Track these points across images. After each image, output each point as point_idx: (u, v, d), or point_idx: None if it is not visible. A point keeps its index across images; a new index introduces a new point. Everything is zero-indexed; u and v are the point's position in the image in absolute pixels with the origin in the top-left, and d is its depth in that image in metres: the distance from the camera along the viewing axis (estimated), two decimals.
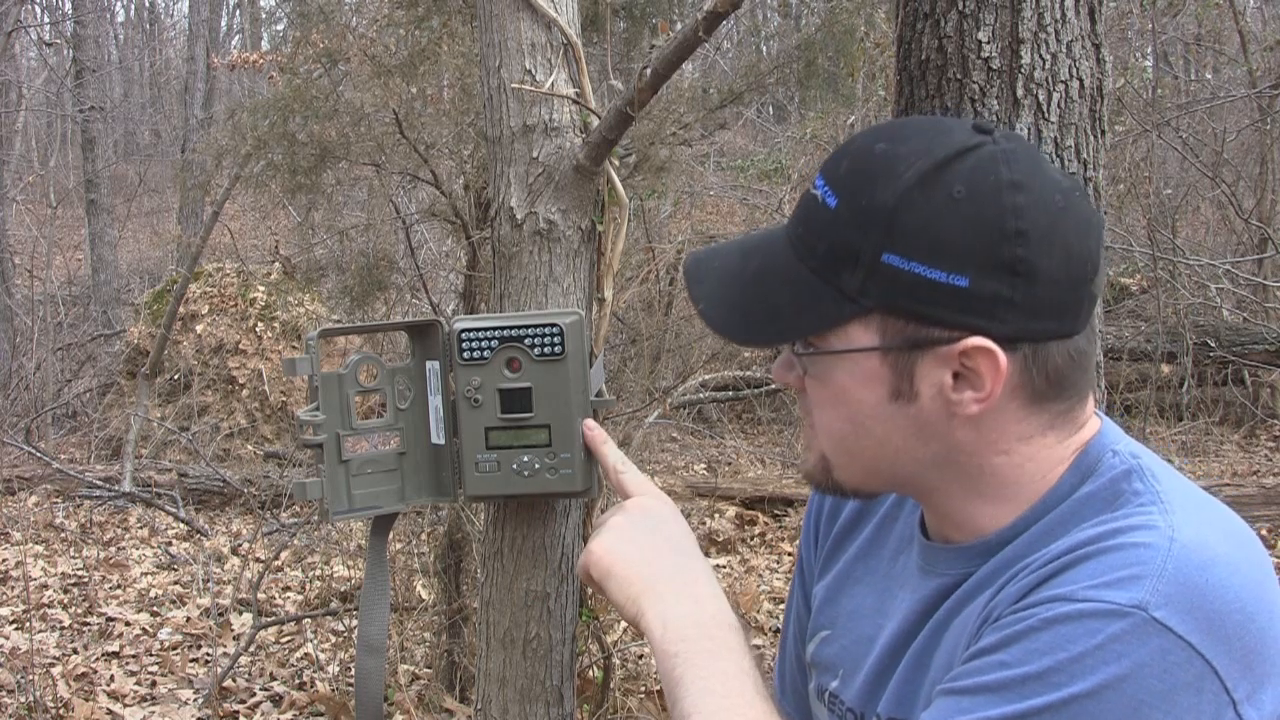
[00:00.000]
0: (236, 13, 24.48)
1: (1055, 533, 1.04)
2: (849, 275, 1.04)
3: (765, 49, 13.97)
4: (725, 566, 5.95)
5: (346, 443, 1.44)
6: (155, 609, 5.65)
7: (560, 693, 1.51)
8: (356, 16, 5.06)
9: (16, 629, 5.32)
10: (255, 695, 4.58)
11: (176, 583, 6.05)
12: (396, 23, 4.54)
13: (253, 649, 4.88)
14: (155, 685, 4.74)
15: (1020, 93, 1.67)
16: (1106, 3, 1.73)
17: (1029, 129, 1.68)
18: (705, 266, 1.17)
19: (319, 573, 5.75)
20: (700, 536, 6.06)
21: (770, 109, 15.96)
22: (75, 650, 5.09)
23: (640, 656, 4.30)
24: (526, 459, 1.41)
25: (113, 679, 4.77)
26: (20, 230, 14.36)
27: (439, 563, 4.33)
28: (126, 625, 5.42)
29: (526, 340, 1.40)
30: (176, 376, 9.32)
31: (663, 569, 1.18)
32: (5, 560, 6.44)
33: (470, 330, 1.41)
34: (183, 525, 7.09)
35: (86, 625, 5.43)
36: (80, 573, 6.17)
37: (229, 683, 4.61)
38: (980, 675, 0.97)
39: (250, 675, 4.76)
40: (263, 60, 9.30)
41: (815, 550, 1.34)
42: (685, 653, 1.09)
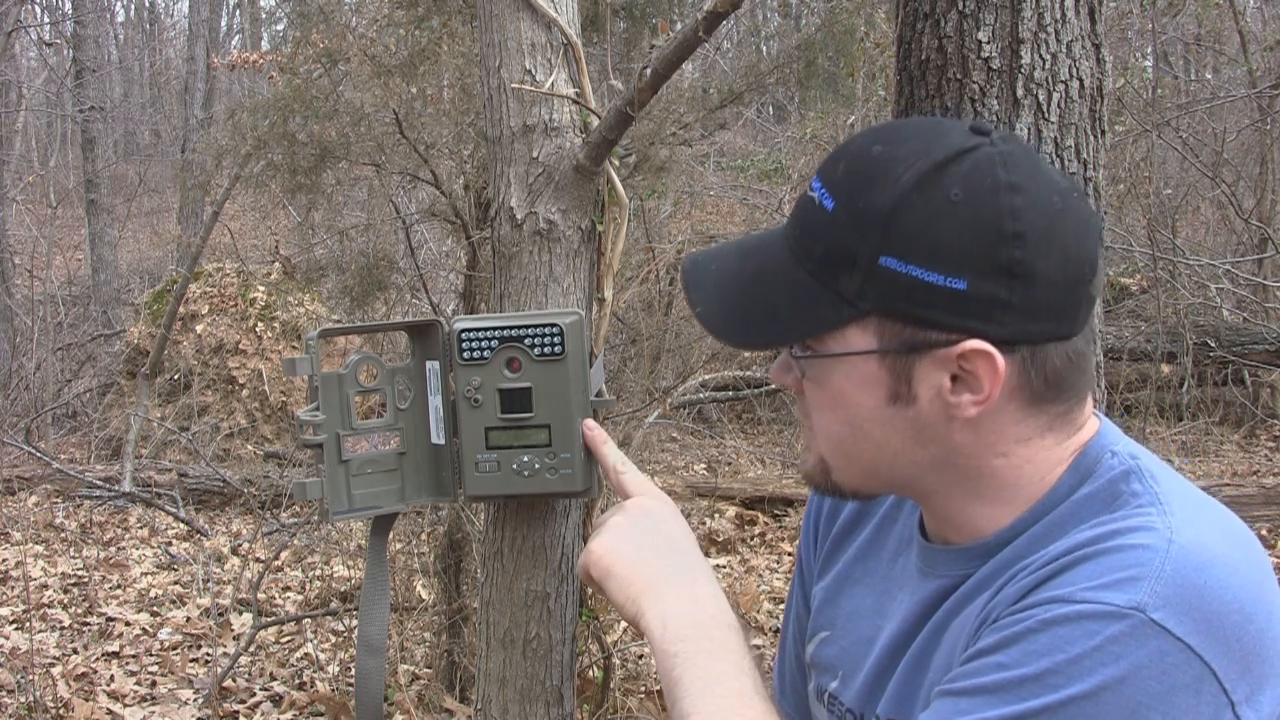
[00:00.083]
0: (236, 13, 24.50)
1: (1054, 534, 1.04)
2: (846, 278, 1.04)
3: (765, 49, 13.97)
4: (725, 566, 5.94)
5: (346, 443, 1.44)
6: (155, 609, 5.65)
7: (560, 693, 1.51)
8: (356, 16, 5.06)
9: (16, 629, 5.31)
10: (255, 695, 4.58)
11: (176, 583, 6.05)
12: (396, 23, 4.54)
13: (253, 649, 4.88)
14: (155, 685, 4.74)
15: (1020, 93, 1.67)
16: (1106, 3, 1.73)
17: (1029, 129, 1.68)
18: (702, 269, 1.16)
19: (319, 573, 5.75)
20: (700, 536, 6.06)
21: (770, 109, 15.96)
22: (75, 650, 5.09)
23: (640, 656, 4.30)
24: (526, 459, 1.41)
25: (113, 679, 4.77)
26: (20, 230, 14.36)
27: (439, 563, 4.33)
28: (126, 625, 5.42)
29: (526, 340, 1.40)
30: (176, 376, 9.31)
31: (662, 569, 1.18)
32: (5, 560, 6.44)
33: (470, 330, 1.41)
34: (183, 525, 7.09)
35: (86, 625, 5.43)
36: (80, 573, 6.17)
37: (229, 683, 4.61)
38: (978, 676, 0.97)
39: (250, 675, 4.76)
40: (263, 60, 9.30)
41: (814, 551, 1.34)
42: (684, 653, 1.09)
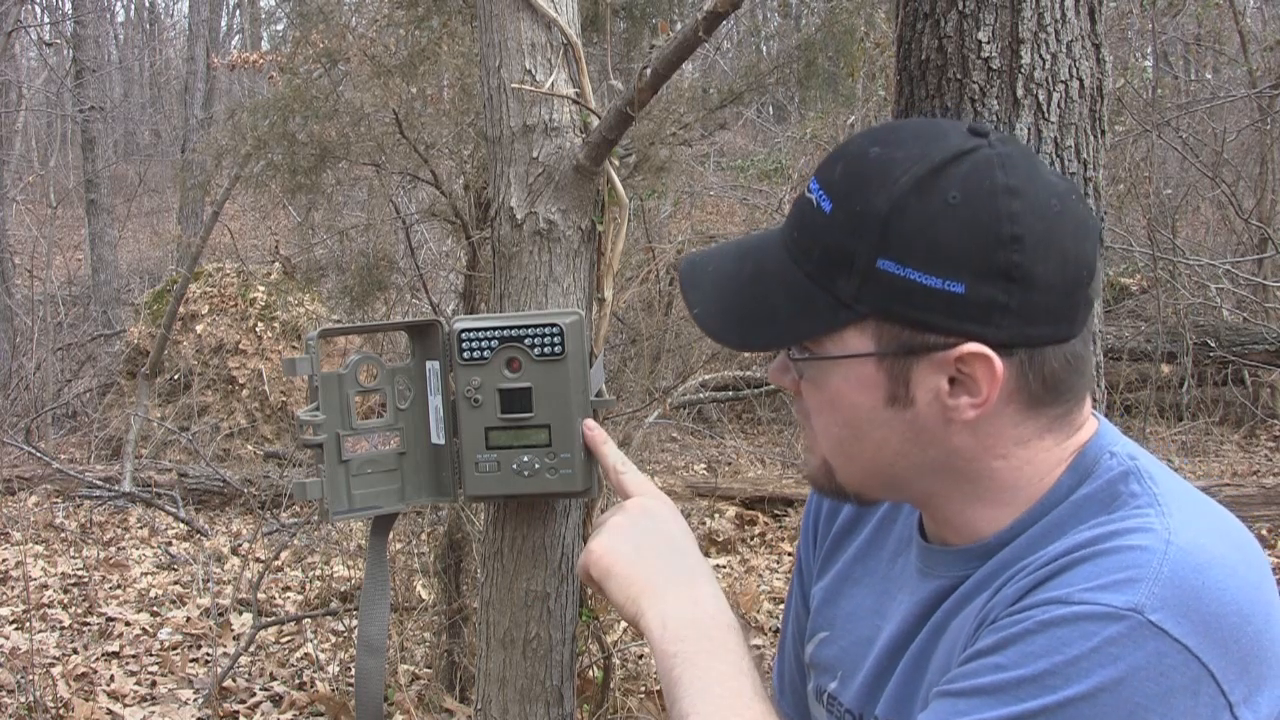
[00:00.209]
0: (236, 13, 24.49)
1: (1052, 535, 1.04)
2: (844, 280, 1.04)
3: (765, 49, 13.97)
4: (725, 566, 5.94)
5: (346, 443, 1.44)
6: (155, 609, 5.65)
7: (560, 693, 1.51)
8: (356, 16, 5.06)
9: (16, 629, 5.31)
10: (255, 695, 4.58)
11: (176, 583, 6.05)
12: (396, 23, 4.55)
13: (253, 649, 4.88)
14: (155, 685, 4.75)
15: (1020, 93, 1.66)
16: (1106, 3, 1.73)
17: (1029, 129, 1.68)
18: (700, 270, 1.16)
19: (319, 573, 5.75)
20: (700, 536, 6.06)
21: (770, 109, 15.95)
22: (75, 650, 5.09)
23: (640, 656, 4.30)
24: (526, 459, 1.41)
25: (113, 679, 4.77)
26: (20, 230, 14.36)
27: (439, 563, 4.33)
28: (126, 625, 5.42)
29: (526, 340, 1.40)
30: (176, 376, 9.31)
31: (662, 569, 1.18)
32: (5, 560, 6.44)
33: (470, 330, 1.41)
34: (183, 525, 7.09)
35: (86, 625, 5.43)
36: (80, 573, 6.17)
37: (229, 683, 4.61)
38: (976, 677, 0.97)
39: (250, 675, 4.76)
40: (263, 60, 9.29)
41: (814, 551, 1.34)
42: (684, 653, 1.09)
